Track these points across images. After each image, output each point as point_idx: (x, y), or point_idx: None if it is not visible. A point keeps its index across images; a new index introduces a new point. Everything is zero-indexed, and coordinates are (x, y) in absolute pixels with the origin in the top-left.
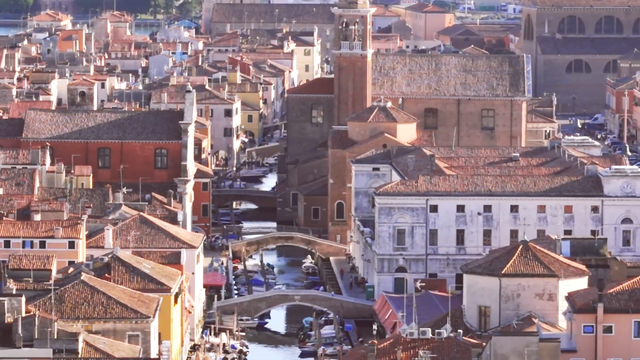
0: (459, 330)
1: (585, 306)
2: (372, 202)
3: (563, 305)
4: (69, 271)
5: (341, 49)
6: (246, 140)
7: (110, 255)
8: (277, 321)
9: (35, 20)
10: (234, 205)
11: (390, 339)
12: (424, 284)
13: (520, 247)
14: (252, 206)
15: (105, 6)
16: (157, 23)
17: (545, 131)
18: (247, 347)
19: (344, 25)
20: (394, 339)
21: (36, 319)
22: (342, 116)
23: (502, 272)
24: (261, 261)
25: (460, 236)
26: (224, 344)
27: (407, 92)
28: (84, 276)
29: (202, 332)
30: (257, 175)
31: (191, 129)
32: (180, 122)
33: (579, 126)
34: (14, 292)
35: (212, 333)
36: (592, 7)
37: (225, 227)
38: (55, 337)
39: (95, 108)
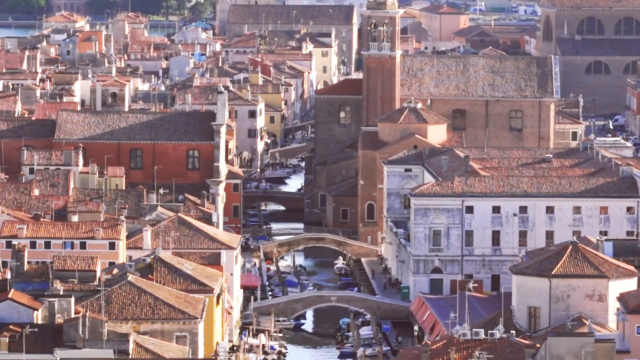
0: (511, 331)
1: (639, 307)
2: (405, 203)
3: (613, 306)
4: (114, 272)
5: (370, 50)
6: (269, 141)
7: (152, 256)
8: (311, 322)
9: (50, 22)
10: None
11: (443, 339)
12: (476, 285)
13: (570, 247)
14: (278, 207)
15: (117, 8)
16: (170, 24)
17: (578, 132)
18: (285, 347)
19: (372, 26)
20: (447, 339)
21: (87, 319)
22: (370, 117)
23: (552, 272)
24: (293, 262)
25: (495, 237)
26: (263, 345)
27: (435, 93)
28: (130, 277)
29: (240, 333)
30: (281, 176)
31: (223, 130)
32: (212, 123)
33: (611, 127)
34: (61, 292)
35: (250, 334)
36: (611, 8)
37: (263, 227)
38: (106, 337)
39: (126, 109)
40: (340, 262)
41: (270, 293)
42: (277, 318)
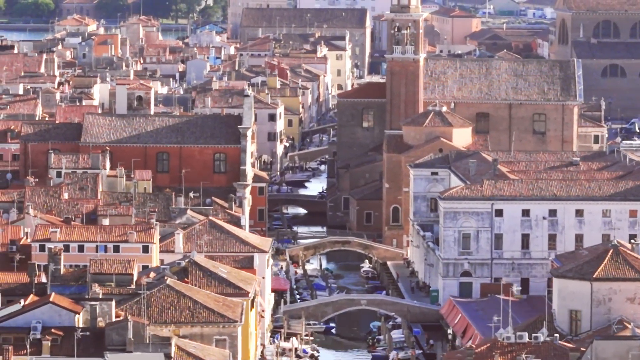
0: (555, 335)
1: None
2: (431, 206)
3: None
4: (150, 275)
5: (393, 53)
6: (287, 144)
7: (187, 260)
8: (340, 325)
9: (62, 25)
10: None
11: (486, 342)
12: (519, 288)
13: (611, 251)
14: (300, 210)
15: (127, 11)
16: (182, 27)
17: (600, 136)
18: (317, 351)
19: (396, 29)
20: (491, 343)
21: (129, 323)
22: (394, 120)
23: (594, 276)
24: (320, 266)
25: (525, 240)
26: (295, 349)
27: (459, 97)
28: (169, 280)
29: (272, 337)
30: (301, 179)
31: (249, 134)
32: (239, 126)
33: (637, 130)
34: (100, 296)
35: (282, 338)
36: (627, 11)
37: (291, 230)
38: (148, 341)
39: (152, 112)
40: (366, 266)
41: (298, 297)
42: (307, 321)
